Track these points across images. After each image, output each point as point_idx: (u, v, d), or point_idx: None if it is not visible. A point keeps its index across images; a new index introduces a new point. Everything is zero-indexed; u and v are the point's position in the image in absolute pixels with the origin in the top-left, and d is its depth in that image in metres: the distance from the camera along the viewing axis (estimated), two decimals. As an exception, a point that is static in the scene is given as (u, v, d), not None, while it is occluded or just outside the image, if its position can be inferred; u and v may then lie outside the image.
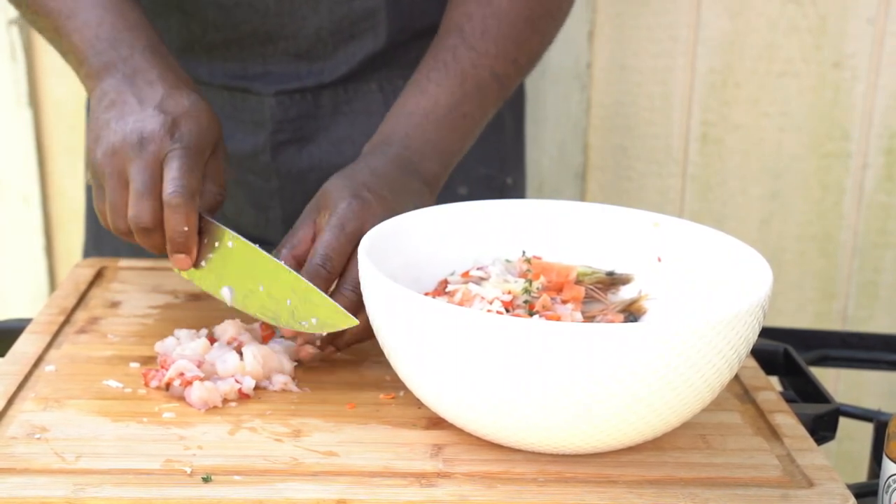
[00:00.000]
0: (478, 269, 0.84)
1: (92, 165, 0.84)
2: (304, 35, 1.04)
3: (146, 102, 0.83)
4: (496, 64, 0.95)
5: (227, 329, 0.84)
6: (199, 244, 0.83)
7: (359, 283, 0.78)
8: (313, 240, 0.84)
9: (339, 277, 0.81)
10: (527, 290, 0.79)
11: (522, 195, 1.25)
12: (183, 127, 0.83)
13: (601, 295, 0.84)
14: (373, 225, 0.81)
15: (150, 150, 0.81)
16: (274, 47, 1.05)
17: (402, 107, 0.94)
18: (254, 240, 1.13)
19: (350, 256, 0.81)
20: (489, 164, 1.17)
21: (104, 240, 1.18)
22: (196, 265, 0.84)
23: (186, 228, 0.80)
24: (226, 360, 0.80)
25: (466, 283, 0.82)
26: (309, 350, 0.83)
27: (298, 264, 0.83)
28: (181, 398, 0.78)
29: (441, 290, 0.82)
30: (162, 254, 0.84)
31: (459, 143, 0.95)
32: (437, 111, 0.93)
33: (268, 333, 0.85)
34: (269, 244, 1.13)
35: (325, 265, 0.80)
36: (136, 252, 1.16)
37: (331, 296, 0.79)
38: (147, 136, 0.81)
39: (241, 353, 0.81)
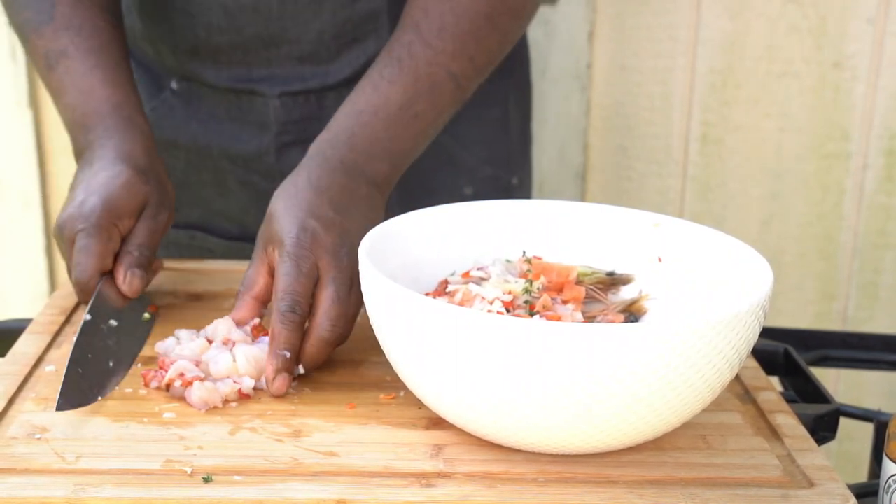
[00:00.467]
0: (478, 269, 0.84)
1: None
2: (308, 39, 1.04)
3: (79, 185, 0.91)
4: (452, 62, 0.93)
5: (218, 328, 0.84)
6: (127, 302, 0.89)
7: (334, 318, 0.80)
8: (270, 274, 0.84)
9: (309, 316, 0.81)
10: (527, 291, 0.79)
11: (528, 195, 1.25)
12: (87, 204, 0.89)
13: (601, 295, 0.84)
14: (328, 258, 0.81)
15: (64, 236, 0.89)
16: (277, 51, 1.05)
17: (352, 104, 0.92)
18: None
19: (312, 292, 0.81)
20: (495, 164, 1.17)
21: None
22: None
23: (82, 302, 0.88)
24: (218, 360, 0.80)
25: (467, 283, 0.82)
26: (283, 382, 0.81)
27: (262, 304, 0.85)
28: (181, 398, 0.78)
29: (441, 290, 0.82)
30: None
31: (411, 142, 0.93)
32: (388, 109, 0.91)
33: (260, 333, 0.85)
34: None
35: (295, 310, 0.80)
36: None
37: (307, 335, 0.80)
38: (62, 224, 0.89)
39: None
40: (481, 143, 1.15)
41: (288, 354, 0.79)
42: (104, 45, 0.97)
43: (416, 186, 1.09)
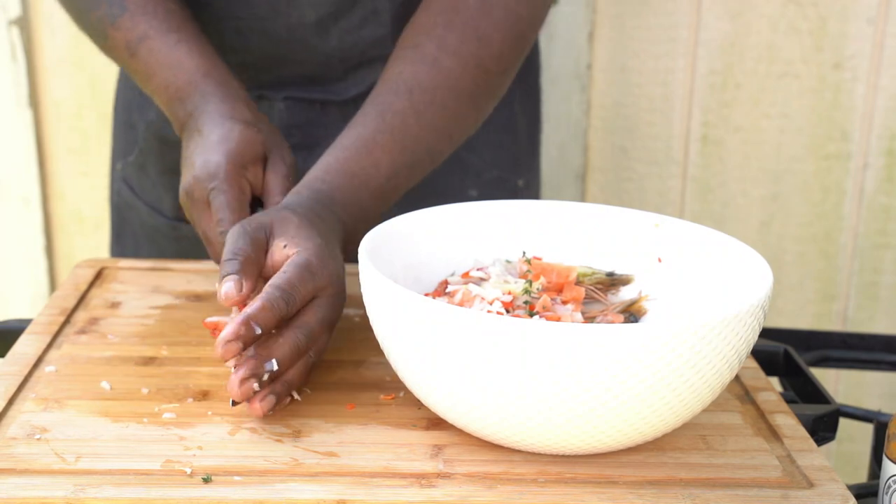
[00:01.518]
0: (478, 269, 0.84)
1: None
2: (315, 61, 1.06)
3: (190, 153, 0.91)
4: (434, 140, 0.94)
5: None
6: None
7: (313, 333, 0.77)
8: (263, 251, 0.81)
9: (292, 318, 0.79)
10: (527, 291, 0.79)
11: (536, 197, 1.25)
12: (211, 162, 0.89)
13: (601, 295, 0.84)
14: (336, 285, 0.80)
15: (196, 199, 0.89)
16: (288, 70, 1.07)
17: (343, 162, 0.91)
18: None
19: (307, 303, 0.79)
20: (502, 166, 1.17)
21: (126, 236, 1.20)
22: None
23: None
24: None
25: (466, 283, 0.82)
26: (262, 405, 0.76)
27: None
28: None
29: (441, 290, 0.82)
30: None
31: (382, 209, 0.93)
32: (378, 179, 0.91)
33: None
34: None
35: (288, 301, 0.76)
36: (158, 251, 1.17)
37: (279, 331, 0.77)
38: (188, 189, 0.90)
39: None
40: (487, 145, 1.15)
41: (259, 331, 0.74)
42: (181, 23, 0.98)
43: (421, 188, 1.09)
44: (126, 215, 1.20)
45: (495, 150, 1.17)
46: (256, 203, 0.92)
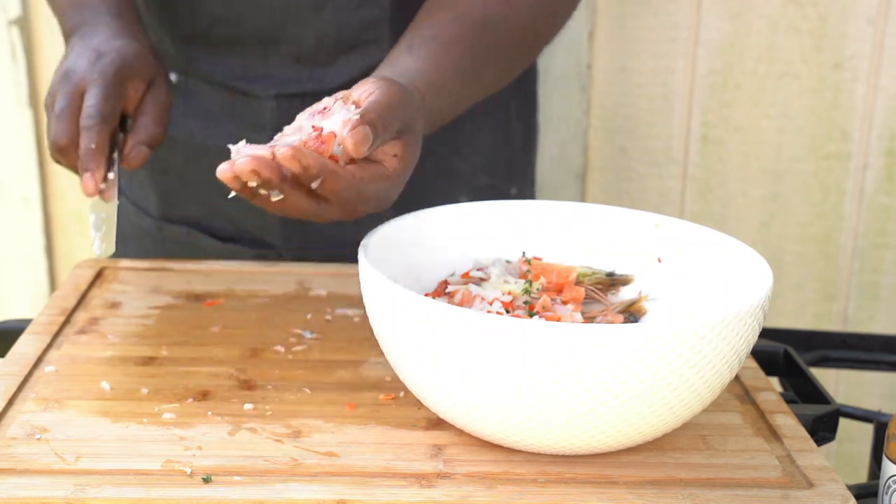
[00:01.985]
0: (478, 269, 0.84)
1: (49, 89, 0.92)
2: (307, 40, 1.04)
3: (85, 46, 0.92)
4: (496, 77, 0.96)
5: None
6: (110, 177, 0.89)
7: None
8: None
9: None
10: (527, 291, 0.79)
11: None
12: (105, 59, 0.90)
13: (601, 296, 0.84)
14: (413, 143, 0.80)
15: (72, 81, 0.89)
16: (276, 48, 1.05)
17: (428, 72, 0.88)
18: (254, 241, 1.13)
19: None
20: (492, 173, 1.17)
21: (128, 241, 1.19)
22: (104, 196, 0.87)
23: (93, 146, 0.86)
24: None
25: (466, 283, 0.82)
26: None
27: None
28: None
29: (441, 291, 0.82)
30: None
31: (430, 130, 0.91)
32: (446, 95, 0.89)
33: None
34: (268, 247, 1.13)
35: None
36: (143, 251, 1.17)
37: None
38: (73, 69, 0.89)
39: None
40: (479, 152, 1.15)
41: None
42: None
43: (411, 195, 1.09)
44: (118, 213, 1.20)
45: (487, 156, 1.16)
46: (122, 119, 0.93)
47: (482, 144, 1.15)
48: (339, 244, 1.07)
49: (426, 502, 0.67)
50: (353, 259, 0.80)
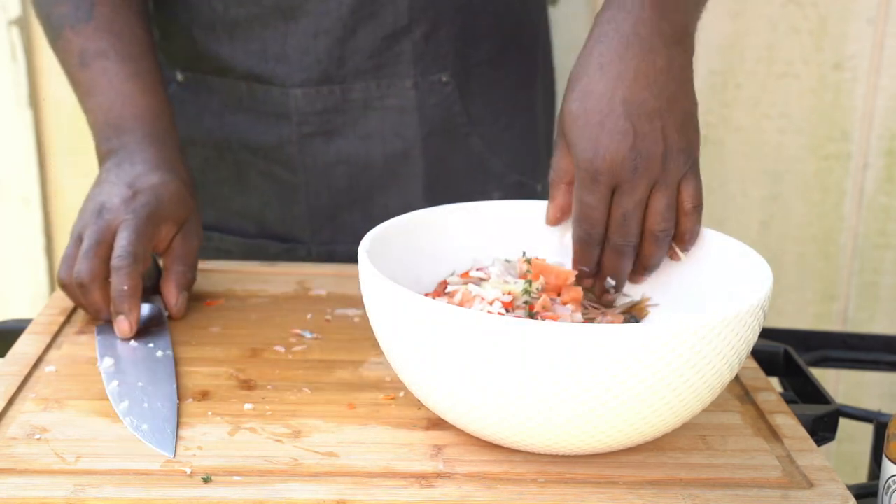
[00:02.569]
0: (477, 269, 0.84)
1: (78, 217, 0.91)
2: (325, 11, 1.03)
3: (121, 179, 0.90)
4: None
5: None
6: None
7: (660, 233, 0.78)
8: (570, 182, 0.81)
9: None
10: (527, 291, 0.79)
11: None
12: (140, 199, 0.89)
13: (600, 308, 0.84)
14: (654, 167, 0.78)
15: (105, 218, 0.88)
16: (295, 24, 1.04)
17: None
18: (280, 237, 1.12)
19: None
20: (522, 170, 1.17)
21: None
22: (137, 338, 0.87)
23: (126, 288, 0.85)
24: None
25: (466, 283, 0.82)
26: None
27: (563, 214, 0.82)
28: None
29: (441, 290, 0.82)
30: (97, 321, 0.89)
31: None
32: None
33: None
34: (295, 241, 1.13)
35: (627, 246, 0.78)
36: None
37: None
38: (107, 206, 0.88)
39: None
40: (510, 149, 1.15)
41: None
42: (143, 53, 0.97)
43: (445, 190, 1.09)
44: None
45: (517, 153, 1.16)
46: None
47: (512, 141, 1.15)
48: None
49: (426, 502, 0.67)
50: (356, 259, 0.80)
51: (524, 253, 0.86)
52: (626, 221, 0.78)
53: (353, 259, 1.10)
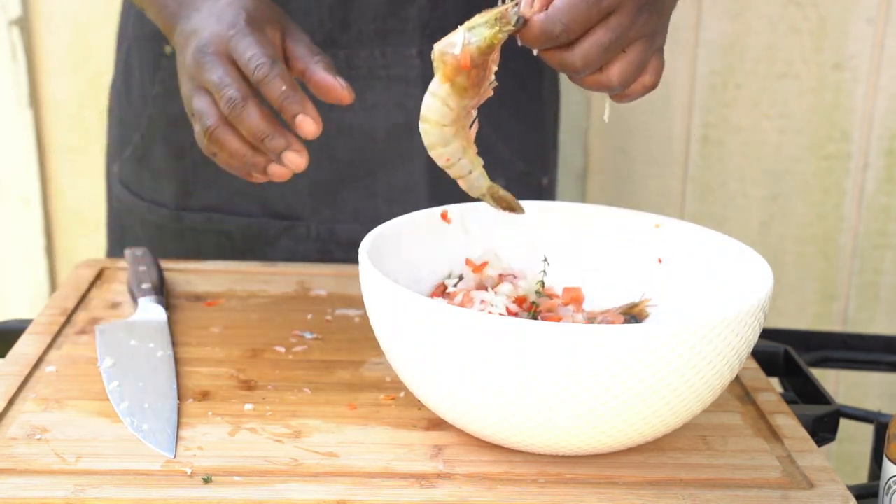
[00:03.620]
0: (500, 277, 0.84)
1: (184, 98, 0.83)
2: None
3: (197, 22, 0.82)
4: None
5: None
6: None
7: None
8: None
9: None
10: (537, 293, 0.79)
11: (554, 197, 1.22)
12: (228, 14, 0.80)
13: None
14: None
15: (210, 52, 0.79)
16: None
17: None
18: (280, 215, 1.10)
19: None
20: (528, 160, 1.14)
21: (129, 242, 1.16)
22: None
23: (285, 88, 0.78)
24: None
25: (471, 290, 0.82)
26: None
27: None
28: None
29: (441, 291, 0.82)
30: (256, 170, 0.81)
31: None
32: None
33: None
34: (295, 219, 1.10)
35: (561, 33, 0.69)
36: (161, 250, 1.12)
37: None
38: (204, 44, 0.80)
39: None
40: (517, 136, 1.13)
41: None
42: None
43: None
44: (126, 221, 1.18)
45: (524, 141, 1.14)
46: None
47: (519, 128, 1.13)
48: (369, 219, 1.05)
49: (426, 502, 0.67)
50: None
51: (545, 259, 0.85)
52: (607, 44, 0.72)
53: (353, 239, 1.08)
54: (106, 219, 1.23)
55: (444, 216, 0.85)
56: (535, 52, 0.73)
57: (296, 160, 0.79)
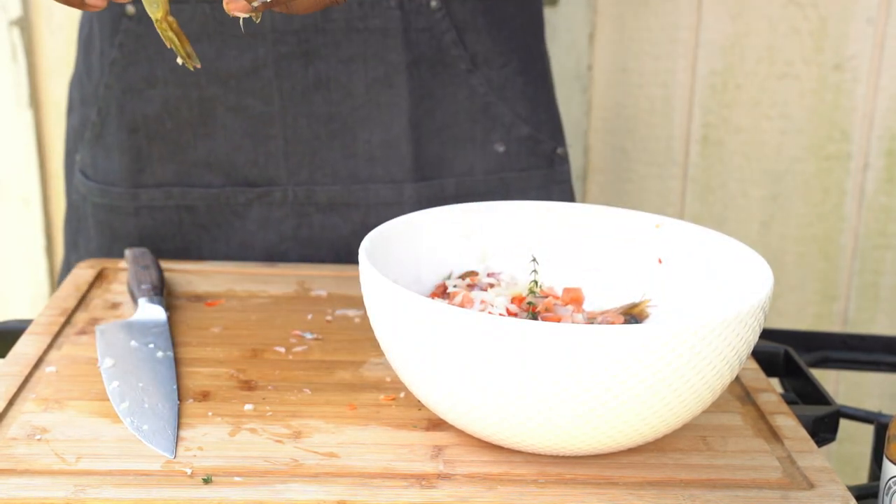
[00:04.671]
0: (488, 275, 0.84)
1: None
2: None
3: None
4: None
5: None
6: None
7: None
8: None
9: None
10: (532, 292, 0.79)
11: (568, 170, 1.13)
12: None
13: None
14: None
15: None
16: None
17: None
18: (252, 182, 1.05)
19: None
20: (535, 125, 1.08)
21: (82, 233, 1.13)
22: None
23: None
24: None
25: (471, 288, 0.82)
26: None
27: None
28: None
29: (441, 291, 0.82)
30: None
31: None
32: None
33: None
34: (269, 185, 1.05)
35: None
36: (111, 236, 1.07)
37: None
38: None
39: None
40: (522, 96, 1.07)
41: None
42: None
43: (435, 130, 1.03)
44: (82, 211, 1.12)
45: (530, 103, 1.08)
46: None
47: (525, 88, 1.08)
48: (348, 179, 1.03)
49: (426, 503, 0.67)
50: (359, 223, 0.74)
51: (534, 258, 0.86)
52: None
53: (332, 200, 1.04)
54: (64, 218, 1.18)
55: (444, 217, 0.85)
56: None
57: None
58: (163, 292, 0.94)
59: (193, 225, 1.08)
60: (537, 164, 1.06)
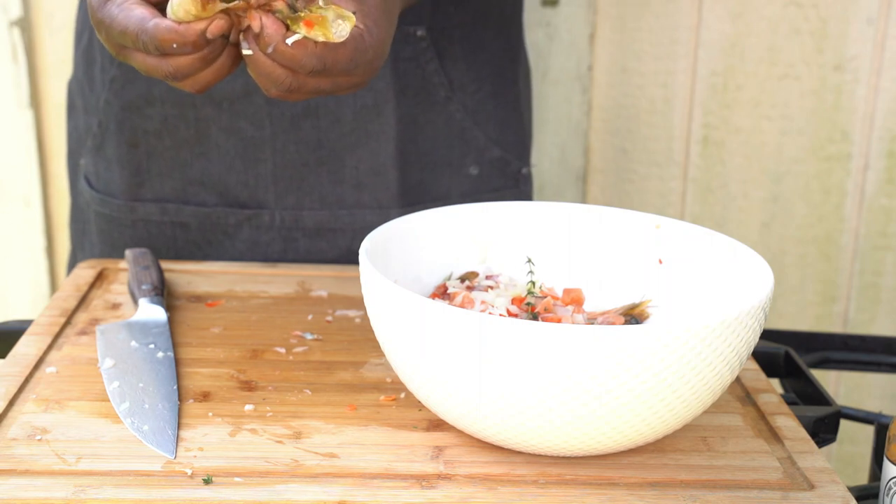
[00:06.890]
0: (487, 277, 0.84)
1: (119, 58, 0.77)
2: None
3: None
4: None
5: None
6: None
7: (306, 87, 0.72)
8: None
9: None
10: (530, 292, 0.79)
11: (531, 189, 1.19)
12: None
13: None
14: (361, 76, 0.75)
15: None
16: None
17: None
18: (242, 203, 1.07)
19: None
20: (505, 146, 1.12)
21: (86, 236, 1.15)
22: None
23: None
24: None
25: (471, 289, 0.82)
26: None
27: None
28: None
29: (441, 292, 0.82)
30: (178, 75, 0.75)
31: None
32: None
33: None
34: (258, 207, 1.07)
35: (320, 72, 0.71)
36: (110, 244, 1.10)
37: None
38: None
39: None
40: (494, 121, 1.11)
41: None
42: None
43: (418, 156, 1.05)
44: (87, 215, 1.14)
45: (501, 127, 1.12)
46: None
47: (497, 113, 1.11)
48: (335, 204, 1.04)
49: (427, 503, 0.67)
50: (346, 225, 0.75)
51: (529, 259, 0.86)
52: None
53: (319, 225, 1.06)
54: (69, 218, 1.20)
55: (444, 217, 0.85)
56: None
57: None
58: (163, 293, 0.94)
59: (186, 241, 1.09)
60: (506, 185, 1.09)
